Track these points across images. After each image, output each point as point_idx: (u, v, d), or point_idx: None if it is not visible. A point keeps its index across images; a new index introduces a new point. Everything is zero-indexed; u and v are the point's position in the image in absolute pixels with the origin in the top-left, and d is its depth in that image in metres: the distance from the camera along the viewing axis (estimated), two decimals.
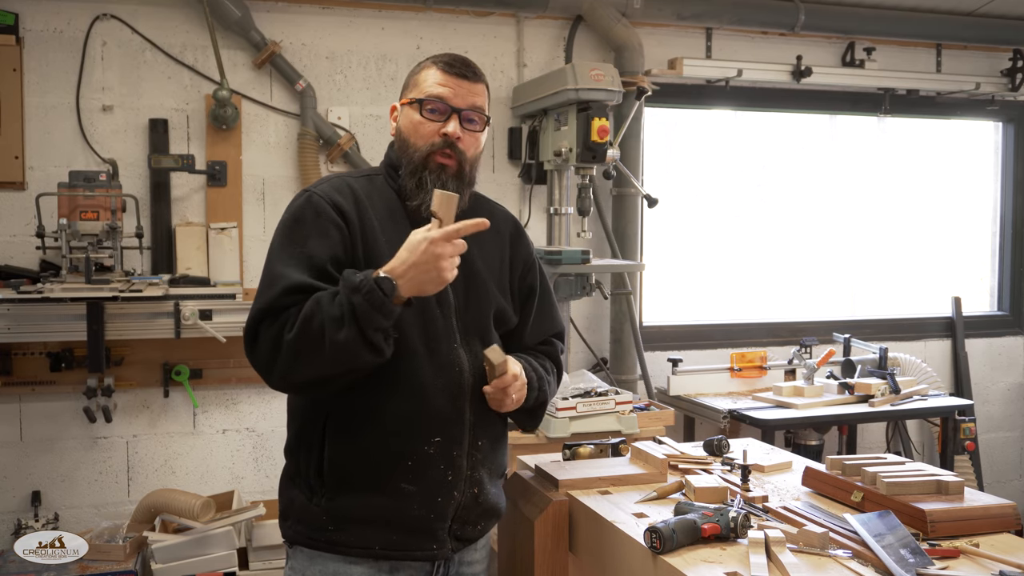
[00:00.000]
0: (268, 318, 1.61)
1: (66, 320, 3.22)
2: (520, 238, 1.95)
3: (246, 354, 1.66)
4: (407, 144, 1.78)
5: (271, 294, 1.62)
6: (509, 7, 3.85)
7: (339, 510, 1.69)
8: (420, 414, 1.69)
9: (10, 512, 3.40)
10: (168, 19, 3.52)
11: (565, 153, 3.40)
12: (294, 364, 1.59)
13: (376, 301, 1.54)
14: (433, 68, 1.78)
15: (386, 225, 1.74)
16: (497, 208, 1.96)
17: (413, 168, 1.76)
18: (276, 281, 1.63)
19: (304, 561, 1.75)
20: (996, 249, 5.05)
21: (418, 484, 1.69)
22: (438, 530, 1.73)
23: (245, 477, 3.66)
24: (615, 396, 3.29)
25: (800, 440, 3.96)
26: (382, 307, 1.55)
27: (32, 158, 3.41)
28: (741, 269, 4.56)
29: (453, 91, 1.76)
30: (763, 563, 1.56)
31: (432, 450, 1.70)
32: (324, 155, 3.68)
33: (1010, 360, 4.93)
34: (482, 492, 1.79)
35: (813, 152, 4.69)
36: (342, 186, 1.75)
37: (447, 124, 1.75)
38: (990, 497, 1.86)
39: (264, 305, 1.62)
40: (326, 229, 1.67)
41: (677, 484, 2.00)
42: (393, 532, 1.69)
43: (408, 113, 1.79)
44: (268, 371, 1.63)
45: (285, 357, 1.59)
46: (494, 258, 1.87)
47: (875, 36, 4.41)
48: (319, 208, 1.69)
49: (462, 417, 1.73)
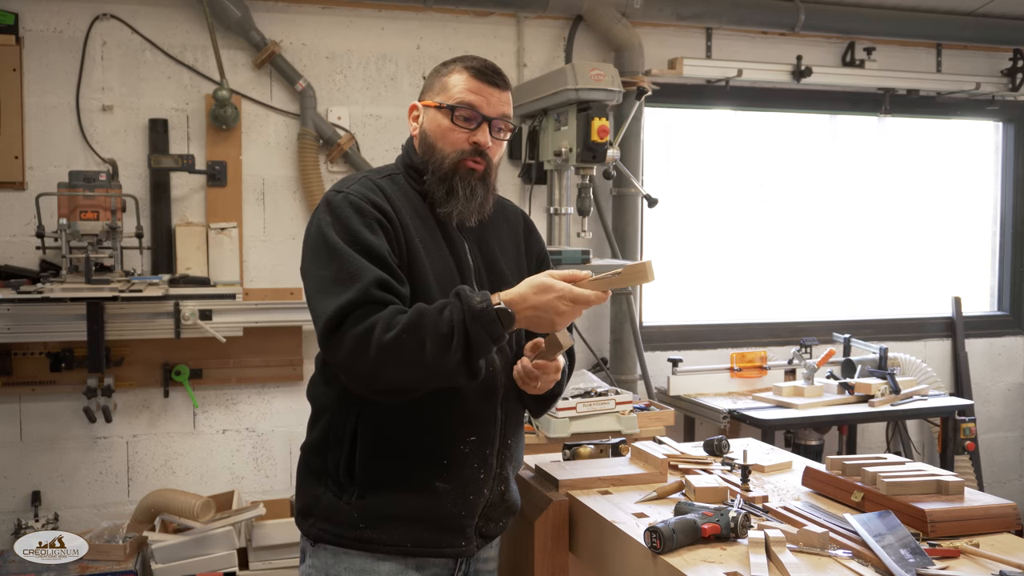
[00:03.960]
0: (357, 310, 1.55)
1: (66, 320, 3.22)
2: (532, 232, 1.98)
3: (322, 347, 1.61)
4: (434, 149, 1.76)
5: (357, 288, 1.56)
6: (509, 7, 3.85)
7: (371, 508, 1.69)
8: (456, 413, 1.70)
9: (10, 512, 3.39)
10: (168, 19, 3.52)
11: (565, 153, 3.40)
12: (384, 369, 1.55)
13: (496, 333, 1.54)
14: (464, 73, 1.76)
15: (417, 226, 1.73)
16: (507, 203, 1.98)
17: (443, 175, 1.74)
18: (358, 273, 1.58)
19: (328, 559, 1.74)
20: (996, 249, 5.05)
21: (452, 482, 1.71)
22: (467, 527, 1.76)
23: (245, 477, 3.66)
24: (615, 396, 3.29)
25: (800, 440, 3.96)
26: (497, 338, 1.55)
27: (32, 158, 3.41)
28: (741, 269, 4.56)
29: (485, 99, 1.74)
30: (763, 563, 1.56)
31: (467, 449, 1.72)
32: (324, 155, 3.68)
33: (1010, 360, 4.93)
34: (508, 489, 1.83)
35: (813, 152, 4.69)
36: (371, 186, 1.73)
37: (477, 133, 1.74)
38: (990, 497, 1.86)
39: (351, 299, 1.55)
40: (372, 226, 1.65)
41: (677, 484, 2.00)
42: (425, 529, 1.71)
43: (436, 117, 1.76)
44: (351, 368, 1.57)
45: (376, 359, 1.53)
46: (512, 254, 1.90)
47: (875, 36, 4.41)
48: (359, 207, 1.66)
49: (495, 416, 1.76)
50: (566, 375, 1.90)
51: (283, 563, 3.22)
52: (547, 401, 1.89)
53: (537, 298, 1.57)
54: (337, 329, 1.56)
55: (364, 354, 1.54)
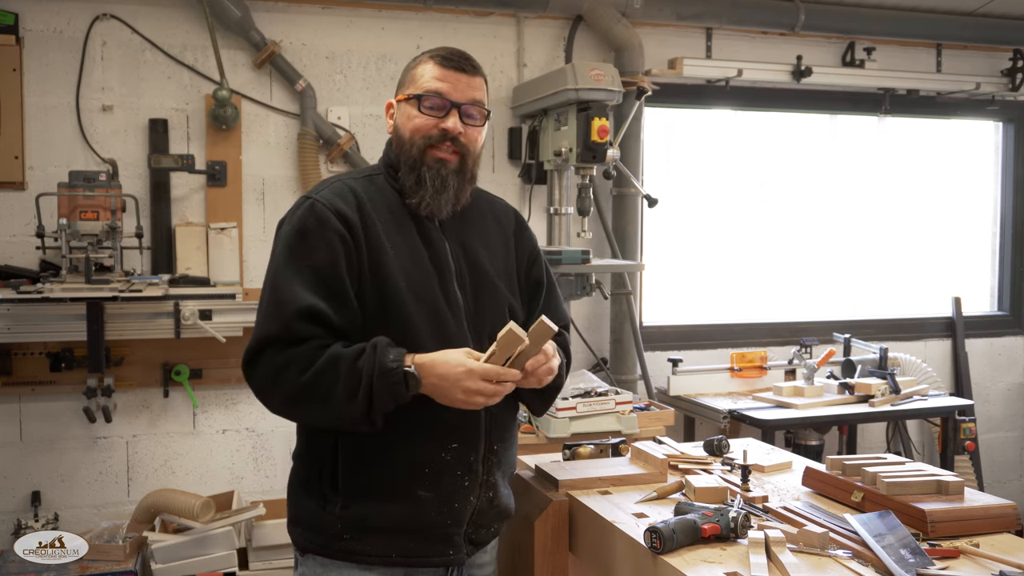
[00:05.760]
0: (275, 345, 1.59)
1: (66, 320, 3.22)
2: (523, 231, 1.94)
3: (243, 373, 1.64)
4: (404, 141, 1.75)
5: (280, 319, 1.59)
6: (509, 7, 3.85)
7: (355, 519, 1.68)
8: (436, 421, 1.67)
9: (10, 512, 3.39)
10: (168, 19, 3.52)
11: (565, 153, 3.40)
12: (292, 408, 1.62)
13: (399, 394, 1.57)
14: (430, 63, 1.74)
15: (390, 227, 1.71)
16: (498, 202, 1.95)
17: (411, 164, 1.73)
18: (284, 304, 1.60)
19: (316, 568, 1.73)
20: (996, 249, 5.05)
21: (435, 491, 1.69)
22: (454, 535, 1.73)
23: (245, 477, 3.66)
24: (615, 396, 3.29)
25: (800, 440, 3.96)
26: (400, 398, 1.58)
27: (32, 158, 3.41)
28: (741, 269, 4.56)
29: (452, 85, 1.72)
30: (763, 563, 1.56)
31: (449, 456, 1.69)
32: (324, 155, 3.68)
33: (1010, 360, 4.93)
34: (496, 495, 1.80)
35: (813, 152, 4.68)
36: (344, 191, 1.72)
37: (446, 120, 1.72)
38: (990, 497, 1.86)
39: (271, 333, 1.59)
40: (331, 240, 1.64)
41: (677, 484, 2.00)
42: (410, 539, 1.69)
43: (405, 110, 1.75)
44: (265, 398, 1.63)
45: (286, 397, 1.59)
46: (499, 255, 1.86)
47: (875, 36, 4.41)
48: (322, 217, 1.65)
49: (478, 421, 1.72)
50: (565, 367, 1.86)
51: (283, 563, 3.22)
52: (547, 395, 1.84)
53: (448, 374, 1.57)
54: (253, 361, 1.61)
55: (274, 391, 1.60)
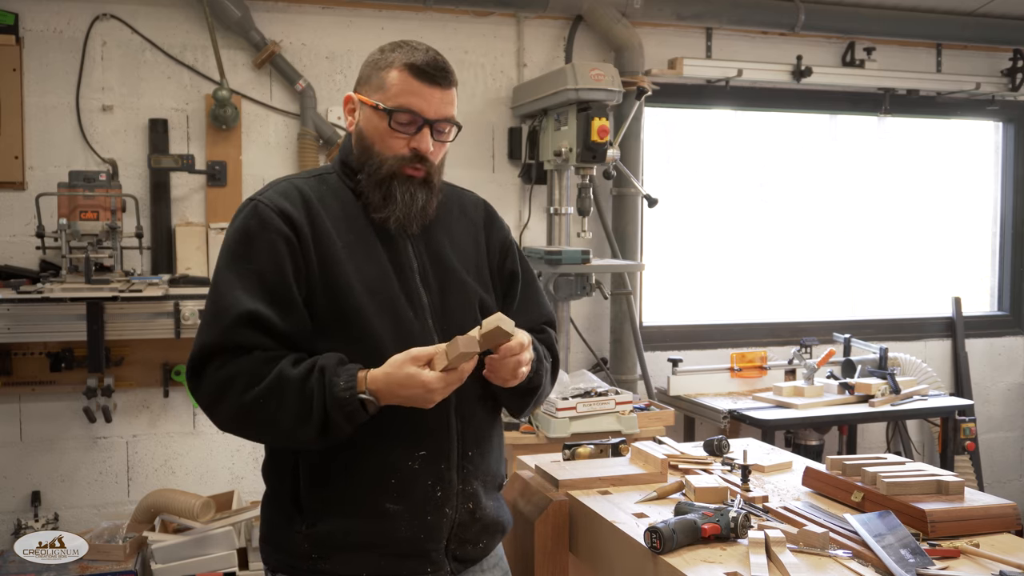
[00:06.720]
0: (217, 356, 1.49)
1: (66, 320, 3.22)
2: (493, 222, 1.83)
3: (188, 386, 1.56)
4: (371, 152, 1.63)
5: (220, 325, 1.50)
6: (509, 7, 3.85)
7: (321, 537, 1.57)
8: (400, 426, 1.55)
9: (10, 512, 3.40)
10: (168, 19, 3.52)
11: (565, 153, 3.40)
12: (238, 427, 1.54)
13: (357, 419, 1.48)
14: (404, 72, 1.60)
15: (341, 227, 1.61)
16: (467, 194, 1.85)
17: (379, 180, 1.62)
18: (225, 310, 1.50)
19: None
20: (996, 249, 5.05)
21: (404, 503, 1.57)
22: (432, 552, 1.61)
23: (245, 477, 3.66)
24: (615, 396, 3.29)
25: (800, 440, 3.96)
26: (357, 424, 1.49)
27: (32, 158, 3.41)
28: (741, 269, 4.56)
29: (426, 102, 1.60)
30: (763, 563, 1.56)
31: (417, 465, 1.58)
32: (324, 155, 3.68)
33: (1010, 360, 4.93)
34: (478, 507, 1.66)
35: (813, 152, 4.69)
36: (289, 190, 1.61)
37: (419, 140, 1.61)
38: (990, 497, 1.86)
39: (213, 340, 1.50)
40: (274, 242, 1.54)
41: (677, 484, 2.00)
42: (381, 557, 1.58)
43: (372, 118, 1.62)
44: (212, 414, 1.53)
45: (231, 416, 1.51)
46: (468, 248, 1.75)
47: (875, 36, 4.41)
48: (265, 218, 1.56)
49: (447, 425, 1.60)
50: (545, 368, 1.73)
51: None
52: (526, 394, 1.70)
53: (403, 386, 1.47)
54: (198, 372, 1.52)
55: (220, 407, 1.51)
